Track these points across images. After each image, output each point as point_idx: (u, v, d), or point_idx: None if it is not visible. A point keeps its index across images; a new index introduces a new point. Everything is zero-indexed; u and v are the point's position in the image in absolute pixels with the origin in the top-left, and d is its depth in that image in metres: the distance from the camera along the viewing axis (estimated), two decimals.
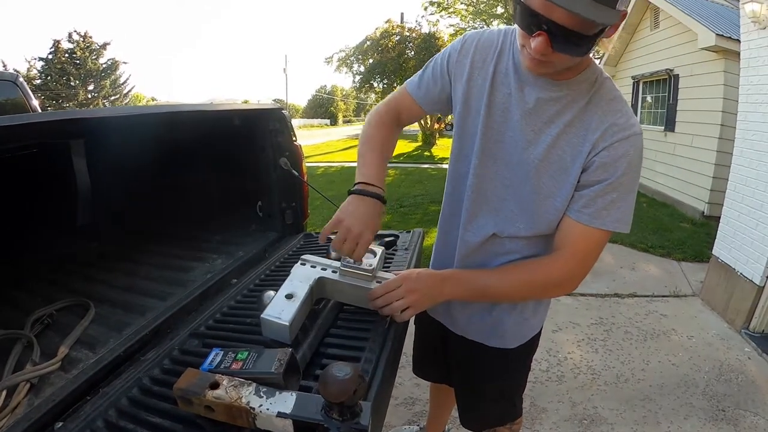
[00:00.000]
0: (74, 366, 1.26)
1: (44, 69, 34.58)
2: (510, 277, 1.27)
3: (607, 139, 1.11)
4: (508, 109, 1.22)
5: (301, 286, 1.24)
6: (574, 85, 1.15)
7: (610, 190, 1.13)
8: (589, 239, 1.18)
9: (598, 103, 1.14)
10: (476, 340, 1.50)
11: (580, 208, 1.16)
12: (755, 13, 3.73)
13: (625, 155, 1.12)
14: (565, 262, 1.21)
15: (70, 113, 1.40)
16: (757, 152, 3.72)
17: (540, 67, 1.06)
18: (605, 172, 1.12)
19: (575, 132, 1.15)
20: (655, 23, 8.95)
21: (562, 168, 1.16)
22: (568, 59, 1.03)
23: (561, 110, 1.16)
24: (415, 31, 25.29)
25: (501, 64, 1.25)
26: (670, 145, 8.26)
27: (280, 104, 2.27)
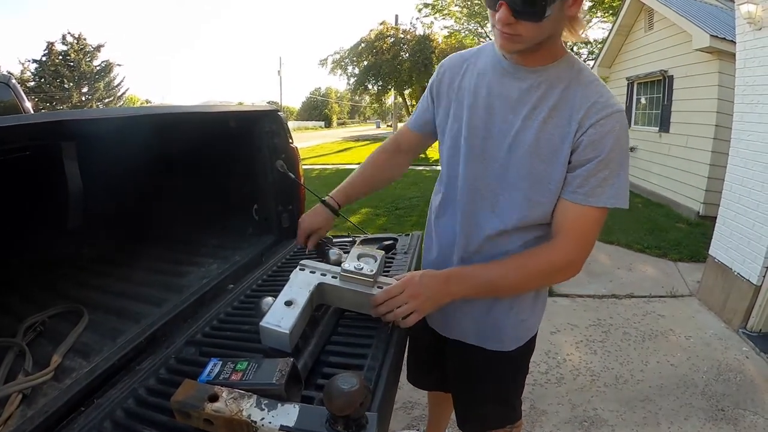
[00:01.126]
0: (68, 375, 1.23)
1: (38, 71, 34.47)
2: (513, 267, 1.26)
3: (592, 116, 1.15)
4: (492, 106, 1.27)
5: (301, 292, 1.21)
6: (552, 71, 1.20)
7: (601, 168, 1.16)
8: (586, 219, 1.21)
9: (577, 86, 1.19)
10: (474, 343, 1.49)
11: (574, 189, 1.19)
12: (751, 13, 3.74)
13: (611, 131, 1.15)
14: (566, 245, 1.23)
15: (62, 114, 1.37)
16: (752, 152, 3.72)
17: (511, 43, 1.12)
18: (594, 150, 1.15)
19: (561, 114, 1.18)
20: (650, 25, 8.98)
21: (552, 150, 1.19)
22: (534, 29, 1.08)
23: (543, 95, 1.20)
24: (409, 33, 25.38)
25: (476, 68, 1.33)
26: (664, 146, 8.28)
27: (275, 106, 2.24)
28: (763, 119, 3.64)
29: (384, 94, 28.88)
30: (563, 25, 1.16)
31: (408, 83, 25.09)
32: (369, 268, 1.24)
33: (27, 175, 1.87)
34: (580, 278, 4.76)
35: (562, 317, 3.94)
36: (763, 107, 3.64)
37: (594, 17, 22.30)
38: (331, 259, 1.38)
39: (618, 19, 10.10)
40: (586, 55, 22.48)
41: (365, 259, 1.27)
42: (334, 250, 1.39)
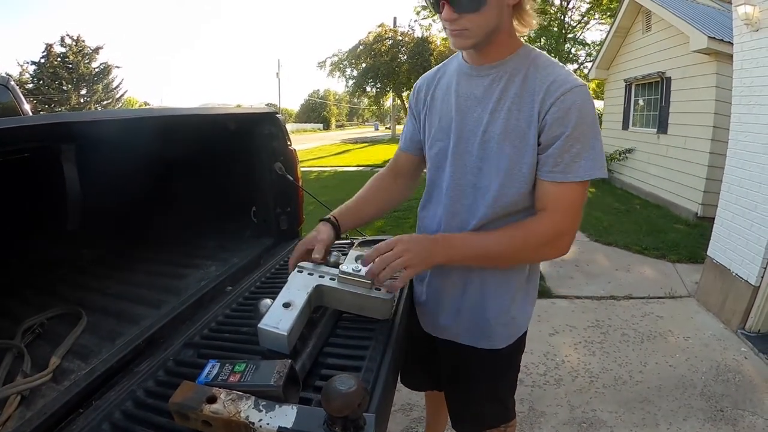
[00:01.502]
0: (66, 377, 1.24)
1: (36, 73, 34.44)
2: (502, 236, 1.27)
3: (552, 95, 1.18)
4: (460, 107, 1.33)
5: (299, 294, 1.21)
6: (510, 63, 1.26)
7: (572, 142, 1.18)
8: (568, 195, 1.22)
9: (535, 71, 1.23)
10: (466, 343, 1.50)
11: (550, 169, 1.21)
12: (748, 15, 3.75)
13: (573, 105, 1.17)
14: (551, 219, 1.24)
15: (60, 116, 1.36)
16: (750, 153, 3.73)
17: (461, 38, 1.20)
18: (561, 126, 1.17)
19: (524, 101, 1.22)
20: (647, 27, 9.00)
21: (520, 136, 1.22)
22: (477, 20, 1.15)
23: (505, 87, 1.25)
24: (407, 36, 25.40)
25: (445, 78, 1.42)
26: (662, 147, 8.29)
27: (273, 109, 2.25)
28: (760, 120, 3.64)
29: (382, 96, 28.91)
30: (508, 15, 1.22)
31: (406, 85, 25.11)
32: (367, 269, 1.24)
33: (26, 176, 1.87)
34: (579, 280, 4.77)
35: (561, 319, 3.94)
36: (761, 108, 3.65)
37: (592, 19, 22.37)
38: (329, 261, 1.38)
39: (616, 21, 10.12)
40: (583, 57, 22.53)
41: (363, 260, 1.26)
42: (333, 252, 1.39)
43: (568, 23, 22.25)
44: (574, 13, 22.60)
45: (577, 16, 22.67)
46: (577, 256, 5.46)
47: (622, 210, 7.89)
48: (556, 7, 21.95)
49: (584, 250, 5.74)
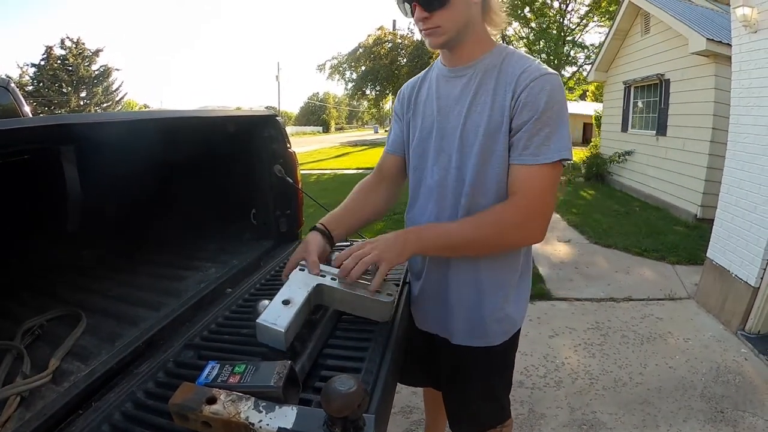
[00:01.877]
0: (66, 379, 1.23)
1: (36, 75, 34.48)
2: (470, 222, 1.31)
3: (522, 82, 1.23)
4: (441, 107, 1.39)
5: (299, 292, 1.21)
6: (485, 61, 1.33)
7: (540, 126, 1.22)
8: (538, 177, 1.25)
9: (508, 65, 1.30)
10: (461, 343, 1.51)
11: (520, 152, 1.25)
12: (746, 16, 3.76)
13: (543, 90, 1.22)
14: (520, 201, 1.27)
15: (60, 118, 1.37)
16: (749, 155, 3.73)
17: (434, 37, 1.28)
18: (530, 110, 1.22)
19: (498, 92, 1.28)
20: (646, 29, 9.03)
21: (496, 125, 1.28)
22: (447, 16, 1.23)
23: (481, 83, 1.31)
24: (407, 39, 25.43)
25: (426, 82, 1.50)
26: (661, 149, 8.31)
27: (273, 111, 2.25)
28: (759, 122, 3.65)
29: (382, 99, 28.94)
30: (477, 13, 1.30)
31: None
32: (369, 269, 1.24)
33: (26, 178, 1.87)
34: (578, 282, 4.78)
35: (560, 321, 3.94)
36: (760, 110, 3.66)
37: (591, 21, 22.37)
38: (331, 261, 1.37)
39: (614, 24, 10.16)
40: (582, 59, 22.54)
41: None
42: (335, 253, 1.39)
43: (567, 26, 22.26)
44: (573, 15, 22.62)
45: (576, 19, 22.68)
46: (577, 258, 5.47)
47: (622, 212, 7.90)
48: (555, 10, 21.97)
49: (584, 252, 5.75)
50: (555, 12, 21.98)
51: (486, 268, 1.41)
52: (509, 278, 1.45)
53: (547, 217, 1.31)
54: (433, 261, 1.48)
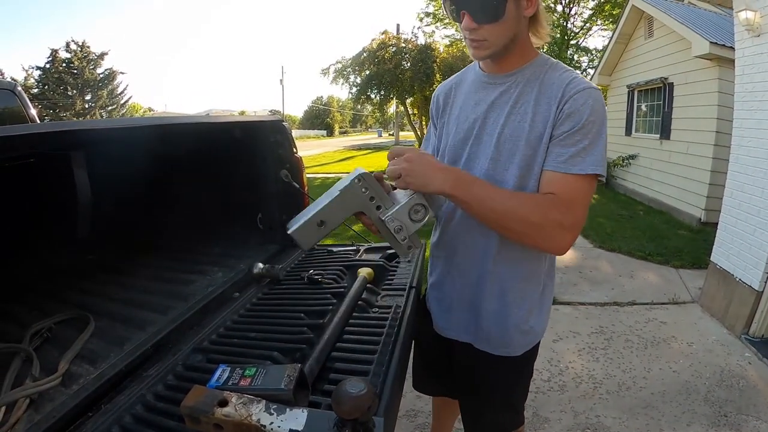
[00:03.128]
0: (75, 381, 1.24)
1: (42, 78, 34.48)
2: (508, 196, 1.24)
3: (567, 94, 1.23)
4: (478, 113, 1.37)
5: (339, 214, 1.25)
6: (527, 71, 1.31)
7: (580, 138, 1.21)
8: (573, 186, 1.23)
9: (552, 76, 1.28)
10: (483, 349, 1.50)
11: (555, 159, 1.24)
12: (749, 20, 3.76)
13: (586, 103, 1.21)
14: (557, 207, 1.22)
15: (69, 124, 1.39)
16: (753, 158, 3.73)
17: (480, 49, 1.26)
18: (572, 120, 1.21)
19: (541, 103, 1.26)
20: (649, 32, 9.02)
21: (538, 136, 1.26)
22: (496, 30, 1.21)
23: (522, 92, 1.30)
24: (411, 43, 25.39)
25: (463, 87, 1.48)
26: (665, 153, 8.30)
27: (277, 115, 2.26)
28: (762, 125, 3.65)
29: (386, 103, 28.89)
30: (524, 26, 1.28)
31: (410, 92, 25.08)
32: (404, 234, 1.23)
33: (35, 182, 1.88)
34: (582, 286, 4.77)
35: (564, 325, 3.94)
36: (763, 113, 3.66)
37: (594, 25, 22.39)
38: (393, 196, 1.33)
39: (618, 27, 10.15)
40: (586, 63, 22.55)
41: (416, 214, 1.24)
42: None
43: (571, 30, 22.29)
44: (577, 19, 22.64)
45: (580, 23, 22.71)
46: (581, 263, 5.47)
47: (626, 216, 7.89)
48: (558, 14, 21.98)
49: (588, 256, 5.75)
50: (558, 16, 21.99)
51: (512, 280, 1.41)
52: (534, 292, 1.45)
53: (577, 229, 1.24)
54: (458, 270, 1.47)
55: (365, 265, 1.92)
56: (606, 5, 20.98)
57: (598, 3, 21.46)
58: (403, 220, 1.22)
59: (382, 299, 1.65)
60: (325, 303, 1.60)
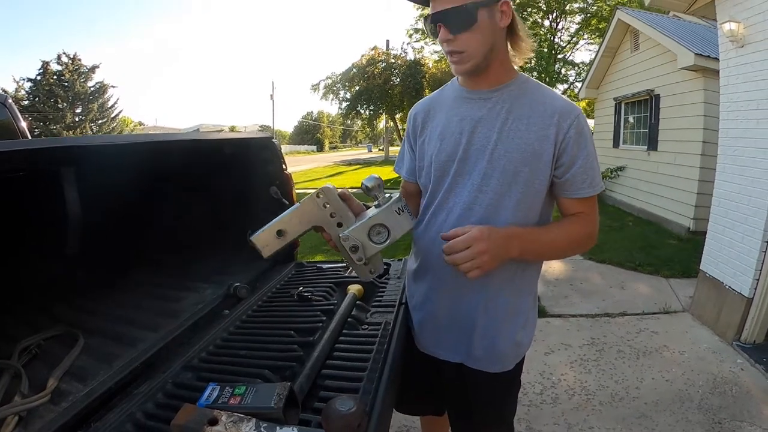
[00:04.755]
0: (64, 398, 1.23)
1: (32, 90, 34.24)
2: (562, 234, 1.40)
3: (566, 119, 1.29)
4: (463, 130, 1.38)
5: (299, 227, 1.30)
6: (512, 87, 1.36)
7: (590, 160, 1.33)
8: (591, 203, 1.39)
9: (540, 95, 1.35)
10: (476, 368, 1.49)
11: (579, 186, 1.34)
12: (733, 32, 3.82)
13: (585, 127, 1.32)
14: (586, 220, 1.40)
15: (60, 140, 1.38)
16: (739, 167, 3.78)
17: (462, 64, 1.29)
18: (579, 148, 1.30)
19: (534, 121, 1.31)
20: (635, 45, 9.13)
21: (535, 153, 1.30)
22: (472, 39, 1.24)
23: (511, 108, 1.33)
24: (400, 58, 25.61)
25: (442, 104, 1.48)
26: (653, 164, 8.37)
27: (267, 130, 2.27)
28: (747, 134, 3.71)
29: (376, 119, 29.09)
30: (502, 39, 1.32)
31: (399, 107, 25.29)
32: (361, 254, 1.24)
33: (25, 198, 1.87)
34: (573, 298, 4.79)
35: (556, 337, 3.94)
36: (748, 123, 3.71)
37: (581, 39, 22.63)
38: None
39: (604, 41, 10.27)
40: (573, 77, 22.75)
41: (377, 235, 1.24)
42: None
43: (558, 44, 22.52)
44: (564, 33, 22.91)
45: (567, 37, 22.97)
46: (572, 275, 5.48)
47: (615, 227, 7.93)
48: (545, 29, 22.23)
49: (578, 268, 5.76)
50: (546, 30, 22.25)
51: (506, 296, 1.42)
52: (525, 303, 1.48)
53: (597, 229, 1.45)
54: (444, 288, 1.47)
55: (355, 282, 1.92)
56: (592, 19, 21.26)
57: (584, 17, 21.75)
58: (361, 240, 1.23)
59: (371, 316, 1.64)
60: (315, 320, 1.60)
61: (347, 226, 1.25)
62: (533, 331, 1.55)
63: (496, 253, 1.24)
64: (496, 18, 1.25)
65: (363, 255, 1.23)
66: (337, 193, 1.29)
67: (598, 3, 20.94)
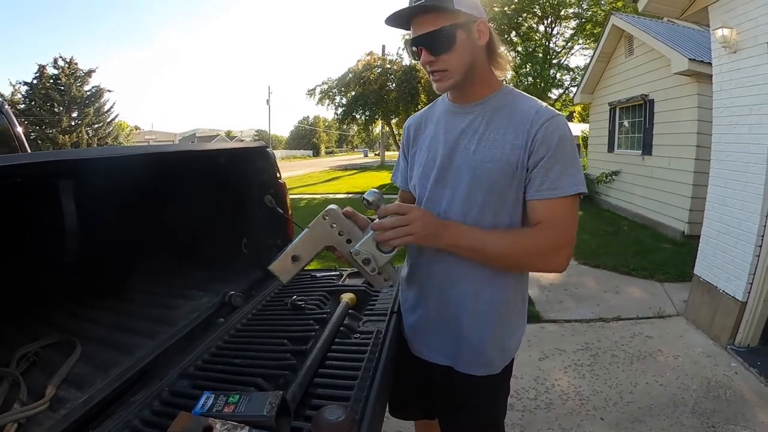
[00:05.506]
0: (62, 406, 1.24)
1: (28, 94, 34.07)
2: (505, 236, 1.35)
3: (536, 122, 1.30)
4: (448, 141, 1.43)
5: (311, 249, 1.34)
6: (494, 100, 1.40)
7: (554, 162, 1.29)
8: (559, 209, 1.31)
9: (520, 104, 1.37)
10: (465, 371, 1.50)
11: (538, 188, 1.31)
12: (726, 37, 3.85)
13: (556, 130, 1.30)
14: (549, 231, 1.32)
15: (59, 154, 1.41)
16: (732, 172, 3.82)
17: (443, 81, 1.34)
18: (545, 148, 1.29)
19: (510, 131, 1.33)
20: (630, 51, 9.19)
21: (508, 163, 1.32)
22: (453, 58, 1.30)
23: (491, 118, 1.37)
24: (396, 64, 25.59)
25: (432, 118, 1.55)
26: (647, 169, 8.41)
27: (263, 135, 2.29)
28: (740, 139, 3.75)
29: (371, 124, 29.07)
30: (481, 56, 1.36)
31: (395, 113, 25.29)
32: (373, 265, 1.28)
33: (23, 206, 1.88)
34: (568, 303, 4.80)
35: (550, 343, 3.96)
36: (741, 128, 3.75)
37: (576, 44, 22.71)
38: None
39: (599, 46, 10.32)
40: (568, 81, 22.82)
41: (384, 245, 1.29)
42: None
43: (553, 49, 22.61)
44: (559, 39, 23.00)
45: (562, 42, 23.06)
46: (566, 280, 5.50)
47: (610, 231, 7.96)
48: (540, 34, 22.30)
49: (573, 273, 5.78)
50: (541, 36, 22.34)
51: (495, 302, 1.44)
52: (514, 308, 1.49)
53: (570, 246, 1.35)
54: (432, 292, 1.49)
55: (348, 291, 1.93)
56: (587, 24, 21.35)
57: (579, 22, 21.83)
58: (371, 252, 1.28)
59: (363, 324, 1.66)
60: (308, 329, 1.62)
61: (356, 241, 1.31)
62: (521, 336, 1.56)
63: (429, 228, 1.29)
64: (473, 37, 1.31)
65: (375, 266, 1.28)
66: (341, 212, 1.34)
67: (593, 8, 21.05)
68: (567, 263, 1.35)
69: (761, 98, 3.53)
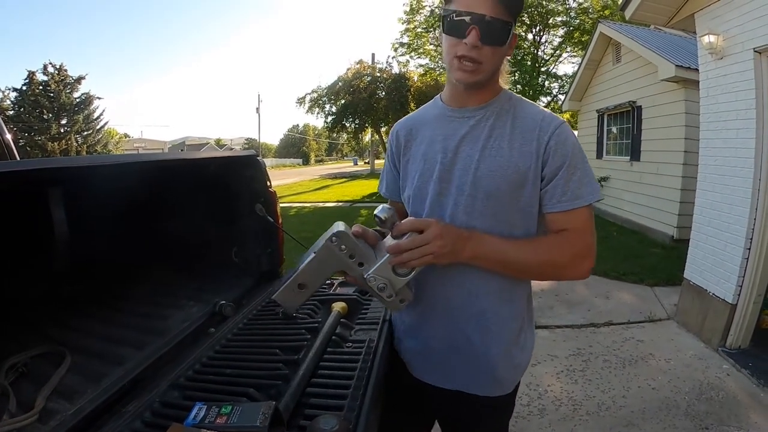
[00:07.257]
0: (52, 417, 1.22)
1: (17, 100, 33.89)
2: (529, 246, 1.29)
3: (546, 129, 1.27)
4: (447, 148, 1.36)
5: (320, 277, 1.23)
6: (496, 104, 1.34)
7: (573, 171, 1.26)
8: (581, 218, 1.28)
9: (523, 110, 1.34)
10: (474, 393, 1.44)
11: (559, 198, 1.27)
12: (712, 44, 3.90)
13: (568, 137, 1.28)
14: (572, 238, 1.28)
15: (48, 161, 1.40)
16: (720, 176, 3.86)
17: (475, 73, 1.25)
18: (561, 157, 1.26)
19: (516, 137, 1.29)
20: (617, 58, 9.28)
21: (517, 171, 1.27)
22: (494, 55, 1.24)
23: (494, 125, 1.32)
24: (385, 72, 25.70)
25: (424, 123, 1.46)
26: (636, 174, 8.48)
27: (253, 144, 2.28)
28: (728, 144, 3.80)
29: (361, 132, 29.15)
30: (503, 64, 1.34)
31: (384, 121, 25.37)
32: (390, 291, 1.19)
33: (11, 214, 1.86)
34: (559, 309, 4.82)
35: (542, 349, 3.96)
36: (728, 133, 3.80)
37: (564, 52, 22.86)
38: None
39: (587, 54, 10.42)
40: (557, 89, 22.94)
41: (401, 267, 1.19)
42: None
43: (541, 57, 22.74)
44: (547, 47, 23.14)
45: (550, 50, 23.21)
46: (557, 286, 5.51)
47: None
48: (529, 42, 22.44)
49: None
50: (529, 44, 22.46)
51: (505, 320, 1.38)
52: (523, 324, 1.43)
53: (593, 252, 1.30)
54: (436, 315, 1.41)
55: (339, 300, 1.92)
56: (575, 32, 21.50)
57: (567, 30, 21.98)
58: (387, 276, 1.18)
59: (355, 333, 1.65)
60: (299, 339, 1.60)
61: (369, 264, 1.19)
62: (531, 352, 1.49)
63: (452, 243, 1.19)
64: (510, 44, 1.28)
65: (392, 291, 1.19)
66: (350, 233, 1.20)
67: (581, 16, 21.20)
68: (589, 272, 1.32)
69: (747, 103, 3.58)
